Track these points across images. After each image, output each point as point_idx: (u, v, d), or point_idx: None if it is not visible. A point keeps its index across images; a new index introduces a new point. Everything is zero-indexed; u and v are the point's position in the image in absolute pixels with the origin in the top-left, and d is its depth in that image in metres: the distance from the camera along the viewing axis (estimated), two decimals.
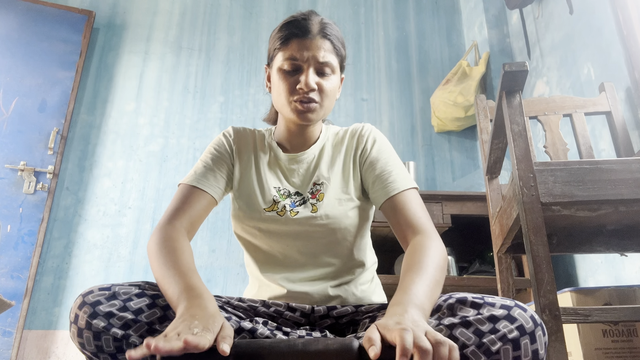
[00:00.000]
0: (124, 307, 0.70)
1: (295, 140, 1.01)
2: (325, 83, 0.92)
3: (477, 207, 2.14)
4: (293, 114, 0.91)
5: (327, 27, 0.94)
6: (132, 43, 2.97)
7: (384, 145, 0.99)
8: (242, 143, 1.02)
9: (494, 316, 0.63)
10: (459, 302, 0.67)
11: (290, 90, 0.91)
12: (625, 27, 1.81)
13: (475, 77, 2.65)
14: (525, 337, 0.62)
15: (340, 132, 1.04)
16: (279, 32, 0.95)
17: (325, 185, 0.96)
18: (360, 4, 3.20)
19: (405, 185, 0.91)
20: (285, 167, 0.99)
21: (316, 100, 0.91)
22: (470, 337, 0.63)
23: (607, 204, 1.03)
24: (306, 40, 0.91)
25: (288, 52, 0.91)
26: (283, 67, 0.92)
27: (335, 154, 1.00)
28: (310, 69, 0.90)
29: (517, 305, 0.64)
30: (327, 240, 0.92)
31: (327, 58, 0.91)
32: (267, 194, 0.95)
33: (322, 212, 0.92)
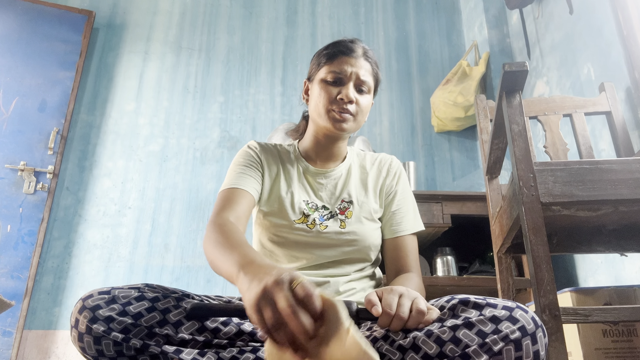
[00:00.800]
0: (123, 312, 0.70)
1: (323, 153, 1.08)
2: (362, 99, 1.02)
3: (477, 207, 2.14)
4: (329, 121, 1.00)
5: (369, 52, 1.07)
6: (132, 43, 2.97)
7: (407, 185, 1.11)
8: (269, 155, 1.08)
9: (496, 317, 0.64)
10: (462, 304, 0.69)
11: (331, 100, 1.00)
12: (625, 27, 1.81)
13: (475, 77, 2.65)
14: (526, 338, 0.63)
15: (367, 156, 1.13)
16: (326, 49, 1.06)
17: (354, 204, 1.03)
18: (360, 4, 3.20)
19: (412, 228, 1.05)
20: (314, 181, 1.06)
21: (352, 112, 1.00)
22: (473, 338, 0.64)
23: (607, 204, 1.03)
24: (351, 58, 1.02)
25: (333, 66, 1.02)
26: (327, 79, 1.01)
27: (363, 177, 1.09)
28: (351, 84, 1.00)
29: (518, 307, 0.66)
30: (350, 255, 1.00)
31: (367, 77, 1.03)
32: (296, 206, 1.00)
33: (350, 228, 1.00)
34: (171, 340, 0.72)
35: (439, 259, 2.22)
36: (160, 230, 2.57)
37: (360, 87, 1.02)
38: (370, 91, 1.05)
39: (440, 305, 0.72)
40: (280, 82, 2.95)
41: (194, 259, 2.51)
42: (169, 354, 0.71)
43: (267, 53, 3.02)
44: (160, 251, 2.53)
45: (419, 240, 2.25)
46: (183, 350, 0.72)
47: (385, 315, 0.67)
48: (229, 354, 0.75)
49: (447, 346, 0.65)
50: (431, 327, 0.68)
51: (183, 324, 0.74)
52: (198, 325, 0.75)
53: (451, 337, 0.65)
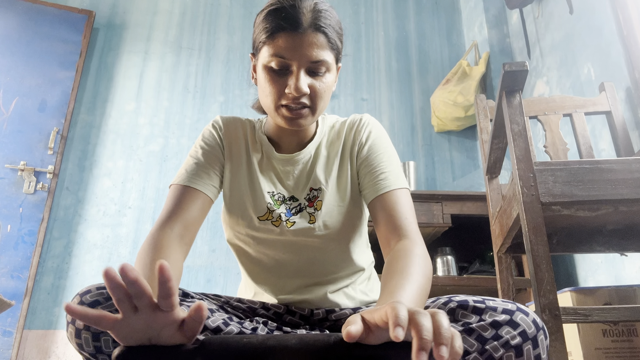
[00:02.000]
0: None
1: (288, 138, 0.92)
2: (319, 84, 0.81)
3: (477, 207, 2.14)
4: (281, 120, 0.82)
5: (320, 17, 0.79)
6: (132, 43, 2.97)
7: (381, 139, 0.92)
8: (233, 137, 0.93)
9: (497, 322, 0.62)
10: (461, 307, 0.66)
11: (278, 94, 0.80)
12: (625, 27, 1.81)
13: (475, 76, 2.65)
14: (527, 343, 0.61)
15: (337, 124, 0.95)
16: (264, 20, 0.80)
17: (323, 191, 0.88)
18: (360, 4, 3.20)
19: (394, 184, 0.83)
20: (279, 169, 0.91)
21: (308, 104, 0.81)
22: (472, 344, 0.62)
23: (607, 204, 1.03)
24: (296, 35, 0.77)
25: (275, 48, 0.78)
26: (270, 65, 0.79)
27: (331, 154, 0.92)
28: (302, 70, 0.78)
29: (519, 310, 0.64)
30: (325, 250, 0.88)
31: (321, 56, 0.79)
32: (260, 200, 0.88)
33: (320, 222, 0.86)
34: None
35: (439, 259, 2.22)
36: None
37: (314, 69, 0.79)
38: (330, 68, 0.82)
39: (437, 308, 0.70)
40: None
41: (194, 259, 2.51)
42: None
43: None
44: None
45: None
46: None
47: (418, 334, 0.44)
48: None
49: None
50: None
51: None
52: None
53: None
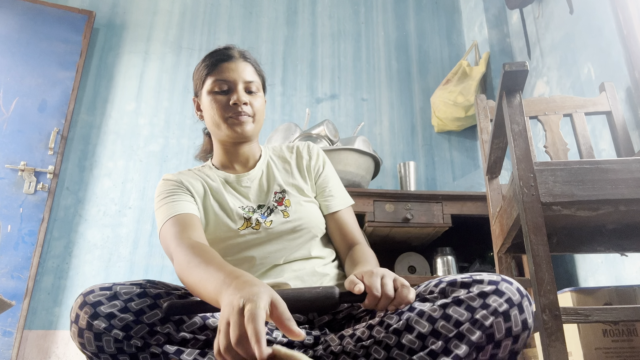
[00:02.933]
0: (125, 308, 0.69)
1: (237, 160, 1.07)
2: (255, 101, 1.02)
3: (478, 207, 2.14)
4: (229, 129, 1.00)
5: (246, 53, 1.08)
6: (132, 43, 2.97)
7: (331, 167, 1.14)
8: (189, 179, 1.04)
9: (484, 292, 0.67)
10: (450, 285, 0.71)
11: (224, 108, 0.99)
12: (625, 27, 1.81)
13: (476, 77, 2.65)
14: (514, 309, 0.66)
15: (283, 146, 1.15)
16: (204, 62, 1.05)
17: (287, 191, 1.04)
18: (360, 4, 3.20)
19: (346, 203, 1.08)
20: (239, 187, 1.04)
21: (249, 114, 1.00)
22: (462, 314, 0.67)
23: (608, 204, 1.03)
24: (232, 63, 1.02)
25: (217, 75, 1.01)
26: (214, 89, 1.01)
27: (286, 165, 1.10)
28: (240, 87, 1.00)
29: (503, 280, 0.69)
30: (304, 237, 0.99)
31: (253, 77, 1.03)
32: (234, 215, 0.98)
33: (294, 215, 1.00)
34: (172, 339, 0.72)
35: (439, 259, 2.22)
36: None
37: (249, 88, 1.02)
38: (260, 90, 1.05)
39: (429, 290, 0.74)
40: (280, 82, 2.95)
41: None
42: (169, 355, 0.70)
43: (267, 53, 3.02)
44: (161, 251, 2.53)
45: (419, 239, 2.26)
46: (184, 350, 0.72)
47: (372, 296, 0.68)
48: None
49: (438, 323, 0.67)
50: (423, 307, 0.70)
51: (184, 322, 0.73)
52: (200, 323, 0.75)
53: (441, 314, 0.68)
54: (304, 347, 0.81)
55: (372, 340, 0.73)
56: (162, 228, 0.92)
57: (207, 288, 0.69)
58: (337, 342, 0.78)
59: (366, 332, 0.75)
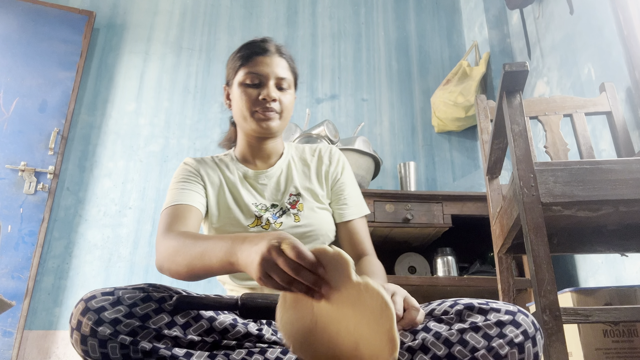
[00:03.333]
0: (130, 314, 0.68)
1: (259, 155, 1.07)
2: (284, 97, 1.01)
3: (478, 207, 2.14)
4: (255, 123, 1.00)
5: (282, 48, 1.05)
6: (132, 43, 2.97)
7: (351, 173, 1.13)
8: (207, 168, 1.06)
9: (501, 321, 0.68)
10: (467, 309, 0.71)
11: (253, 101, 0.99)
12: (625, 27, 1.81)
13: (476, 77, 2.65)
14: (528, 341, 0.66)
15: (306, 148, 1.14)
16: (239, 52, 1.05)
17: (302, 195, 1.03)
18: (361, 4, 3.20)
19: (361, 212, 1.07)
20: (256, 183, 1.04)
21: (277, 110, 1.00)
22: (479, 341, 0.67)
23: (608, 204, 1.03)
24: (266, 57, 1.01)
25: (250, 67, 1.01)
26: (245, 81, 1.00)
27: (304, 168, 1.09)
28: (271, 82, 1.00)
29: (520, 311, 0.70)
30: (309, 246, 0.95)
31: (285, 74, 1.02)
32: (246, 210, 0.99)
33: (305, 221, 0.99)
34: (179, 342, 0.71)
35: (440, 259, 2.22)
36: None
37: (280, 84, 1.01)
38: (291, 86, 1.05)
39: (444, 310, 0.74)
40: None
41: None
42: (179, 358, 0.69)
43: None
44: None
45: (419, 239, 2.26)
46: (193, 353, 0.71)
47: None
48: (238, 355, 0.74)
49: (455, 347, 0.67)
50: (439, 329, 0.70)
51: (191, 325, 0.73)
52: (207, 326, 0.74)
53: (459, 339, 0.68)
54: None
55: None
56: (162, 213, 0.96)
57: (216, 254, 0.74)
58: None
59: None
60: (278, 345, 0.79)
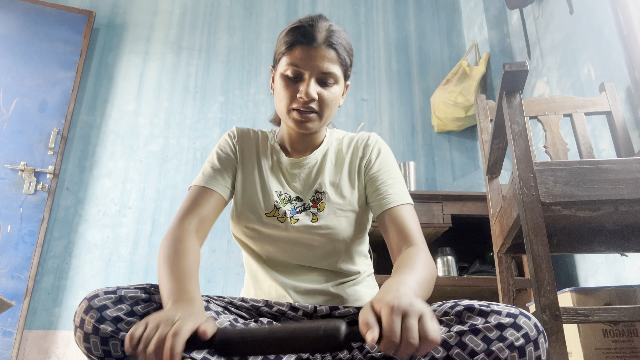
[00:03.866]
0: (131, 312, 0.69)
1: (298, 144, 1.01)
2: (327, 93, 0.91)
3: (478, 207, 2.14)
4: (291, 122, 0.92)
5: (333, 35, 0.92)
6: (132, 43, 2.97)
7: (388, 158, 1.00)
8: (246, 144, 1.03)
9: (502, 324, 0.66)
10: (467, 310, 0.69)
11: (291, 98, 0.91)
12: (625, 27, 1.81)
13: (476, 77, 2.65)
14: (530, 345, 0.65)
15: (345, 138, 1.04)
16: (285, 36, 0.94)
17: (327, 194, 0.96)
18: (360, 4, 3.20)
19: (402, 200, 0.93)
20: (287, 171, 0.99)
21: (315, 110, 0.91)
22: (478, 344, 0.65)
23: (608, 204, 1.03)
24: (311, 48, 0.90)
25: (292, 58, 0.91)
26: (286, 73, 0.91)
27: (339, 162, 1.01)
28: (312, 79, 0.90)
29: (522, 314, 0.67)
30: (325, 249, 0.94)
31: (330, 69, 0.91)
32: (268, 198, 0.95)
33: (322, 222, 0.93)
34: None
35: (439, 259, 2.22)
36: (161, 231, 2.56)
37: (323, 80, 0.91)
38: (338, 80, 0.93)
39: (444, 311, 0.72)
40: None
41: None
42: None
43: (267, 53, 3.02)
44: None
45: None
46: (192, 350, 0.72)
47: (388, 342, 0.55)
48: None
49: (453, 350, 0.66)
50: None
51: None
52: None
53: (457, 341, 0.66)
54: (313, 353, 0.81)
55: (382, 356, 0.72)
56: (189, 189, 0.96)
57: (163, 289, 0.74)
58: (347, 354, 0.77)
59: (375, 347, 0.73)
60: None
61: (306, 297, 0.91)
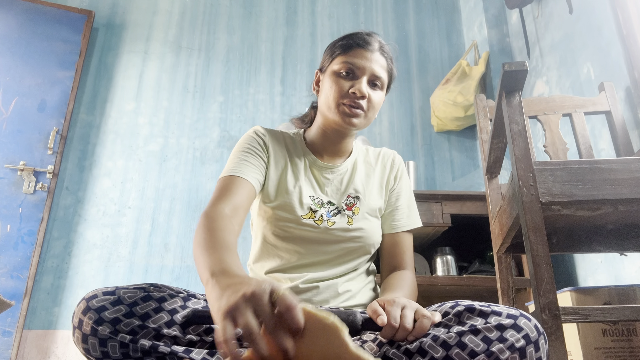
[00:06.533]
0: (130, 313, 0.69)
1: (330, 148, 1.05)
2: (374, 95, 0.98)
3: (477, 207, 2.14)
4: (339, 115, 0.97)
5: (385, 47, 1.02)
6: (131, 43, 2.97)
7: (408, 183, 1.11)
8: (275, 144, 1.04)
9: (502, 325, 0.66)
10: (467, 311, 0.70)
11: (342, 93, 0.96)
12: (625, 27, 1.81)
13: (475, 76, 2.65)
14: (530, 346, 0.65)
15: (370, 151, 1.11)
16: (341, 39, 1.02)
17: (360, 199, 1.02)
18: (360, 4, 3.20)
19: (410, 226, 1.05)
20: (320, 176, 1.03)
21: (363, 107, 0.97)
22: (478, 344, 0.65)
23: (607, 204, 1.03)
24: (367, 51, 0.98)
25: (348, 57, 0.98)
26: (340, 71, 0.98)
27: (369, 171, 1.07)
28: (364, 78, 0.97)
29: (522, 315, 0.68)
30: (355, 251, 0.99)
31: (381, 73, 0.99)
32: (303, 201, 0.98)
33: (357, 225, 0.98)
34: (179, 342, 0.71)
35: (439, 259, 2.22)
36: (160, 230, 2.57)
37: (374, 82, 0.98)
38: (384, 87, 1.01)
39: (444, 311, 0.72)
40: (280, 82, 2.94)
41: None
42: (178, 354, 0.70)
43: (266, 53, 3.02)
44: (160, 251, 2.53)
45: (418, 239, 2.26)
46: (192, 350, 0.71)
47: (389, 327, 0.68)
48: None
49: (453, 350, 0.66)
50: (437, 332, 0.68)
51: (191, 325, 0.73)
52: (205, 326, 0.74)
53: (457, 341, 0.66)
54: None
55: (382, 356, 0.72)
56: (218, 180, 0.95)
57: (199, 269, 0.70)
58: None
59: (375, 348, 0.74)
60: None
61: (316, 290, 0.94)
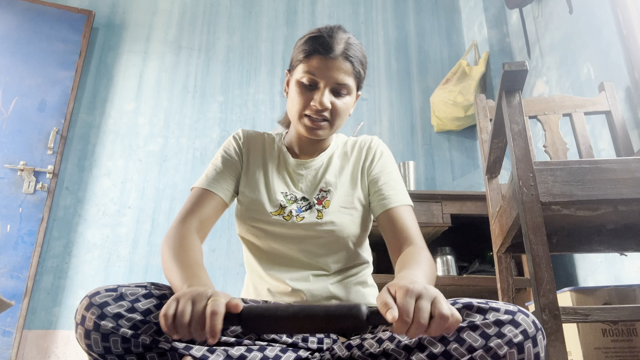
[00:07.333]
0: (132, 308, 0.70)
1: (306, 147, 1.04)
2: (339, 103, 0.94)
3: (477, 207, 2.14)
4: (302, 128, 0.95)
5: (350, 48, 0.94)
6: (131, 43, 2.97)
7: (389, 161, 1.05)
8: (252, 146, 1.05)
9: (500, 320, 0.66)
10: (466, 307, 0.70)
11: (304, 105, 0.93)
12: (625, 27, 1.81)
13: (475, 76, 2.65)
14: (528, 341, 0.65)
15: (349, 142, 1.09)
16: (304, 44, 0.96)
17: (332, 192, 0.99)
18: (360, 4, 3.20)
19: (402, 201, 0.97)
20: (293, 173, 1.02)
21: (327, 118, 0.94)
22: (477, 339, 0.66)
23: (607, 204, 1.03)
24: (328, 59, 0.92)
25: (308, 66, 0.93)
26: (301, 80, 0.94)
27: (343, 163, 1.04)
28: (327, 89, 0.93)
29: (520, 311, 0.68)
30: (329, 245, 0.97)
31: (345, 80, 0.94)
32: (274, 198, 0.98)
33: (327, 218, 0.96)
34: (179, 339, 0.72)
35: (439, 259, 2.22)
36: (160, 230, 2.56)
37: (337, 90, 0.94)
38: (351, 92, 0.96)
39: None
40: (280, 82, 2.94)
41: None
42: (179, 350, 0.71)
43: (266, 53, 3.02)
44: (160, 251, 2.53)
45: None
46: (192, 346, 0.73)
47: (402, 322, 0.58)
48: (238, 352, 0.75)
49: (451, 345, 0.67)
50: None
51: None
52: None
53: (456, 337, 0.67)
54: (309, 350, 0.81)
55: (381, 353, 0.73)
56: (191, 190, 0.98)
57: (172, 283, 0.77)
58: (345, 351, 0.78)
59: (375, 344, 0.74)
60: (277, 343, 0.80)
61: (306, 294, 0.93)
